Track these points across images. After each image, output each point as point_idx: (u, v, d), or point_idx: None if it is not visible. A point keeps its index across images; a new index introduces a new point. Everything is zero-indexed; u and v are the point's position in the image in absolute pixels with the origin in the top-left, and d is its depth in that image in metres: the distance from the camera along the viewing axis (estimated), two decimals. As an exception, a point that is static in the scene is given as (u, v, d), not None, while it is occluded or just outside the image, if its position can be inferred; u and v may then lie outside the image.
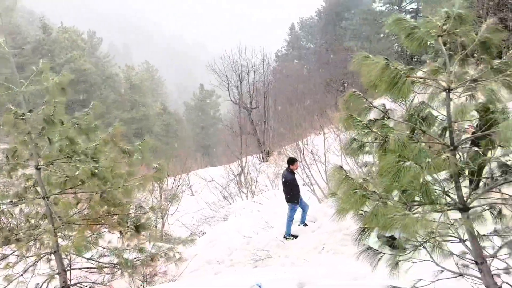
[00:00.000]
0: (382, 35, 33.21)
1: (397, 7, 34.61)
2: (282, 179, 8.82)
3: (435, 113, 3.33)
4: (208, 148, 49.62)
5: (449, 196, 3.17)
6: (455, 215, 3.16)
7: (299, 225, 8.79)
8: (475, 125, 3.51)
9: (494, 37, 3.08)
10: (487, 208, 3.18)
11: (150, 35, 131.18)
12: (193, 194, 20.82)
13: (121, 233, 6.93)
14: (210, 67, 29.56)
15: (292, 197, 8.39)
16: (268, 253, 8.13)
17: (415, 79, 2.92)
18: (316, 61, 42.95)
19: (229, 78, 29.65)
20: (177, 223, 13.74)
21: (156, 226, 11.30)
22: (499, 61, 3.06)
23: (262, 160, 26.36)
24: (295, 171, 8.73)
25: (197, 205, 16.43)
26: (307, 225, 8.82)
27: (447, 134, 3.17)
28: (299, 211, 8.70)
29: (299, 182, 9.30)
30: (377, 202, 2.90)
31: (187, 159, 24.69)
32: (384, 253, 3.47)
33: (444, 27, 2.96)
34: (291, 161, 8.72)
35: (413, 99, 3.19)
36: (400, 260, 3.41)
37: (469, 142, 3.37)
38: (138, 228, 6.74)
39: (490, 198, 3.15)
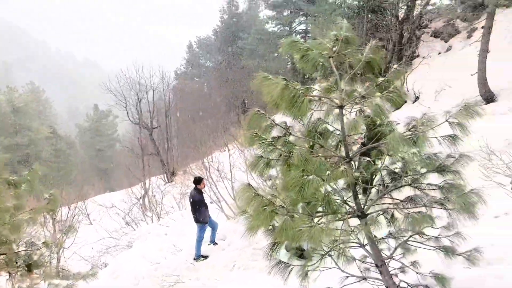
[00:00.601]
0: (276, 54, 34.96)
1: (288, 28, 36.85)
2: (189, 199, 8.66)
3: (330, 128, 3.58)
4: (106, 172, 46.83)
5: (348, 205, 3.40)
6: (355, 222, 3.40)
7: (209, 244, 8.69)
8: (364, 137, 3.85)
9: (377, 57, 3.43)
10: (381, 213, 3.48)
11: (35, 53, 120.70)
12: (92, 223, 19.39)
13: (10, 275, 6.15)
14: (105, 86, 28.09)
15: (201, 217, 8.29)
16: (178, 277, 7.87)
17: (312, 97, 3.11)
18: (216, 79, 43.61)
19: (127, 98, 28.50)
20: (75, 256, 12.62)
21: (51, 262, 10.23)
22: (382, 79, 3.41)
23: (167, 181, 25.68)
24: (202, 190, 8.66)
25: (96, 234, 15.29)
26: (217, 243, 8.76)
27: (342, 147, 3.43)
28: (208, 230, 8.61)
29: (207, 201, 9.23)
30: (285, 216, 3.00)
31: (83, 186, 22.98)
32: (294, 265, 3.59)
33: (334, 48, 3.22)
34: (198, 180, 8.64)
35: (311, 116, 3.39)
36: (309, 270, 3.55)
37: (361, 153, 3.68)
38: (30, 267, 6.04)
39: (383, 203, 3.45)
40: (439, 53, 21.96)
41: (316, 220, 3.22)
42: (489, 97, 15.50)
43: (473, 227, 3.90)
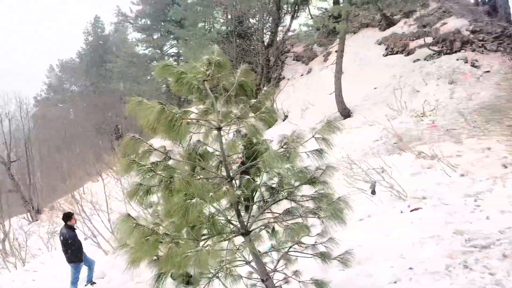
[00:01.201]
0: (149, 77, 34.25)
1: (159, 51, 36.48)
2: (60, 237, 7.79)
3: (210, 149, 3.62)
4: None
5: (232, 224, 3.45)
6: (240, 240, 3.46)
7: (86, 285, 7.91)
8: (243, 156, 3.98)
9: (248, 79, 3.61)
10: (263, 228, 3.61)
11: None
12: None
13: None
14: None
15: (74, 256, 7.51)
16: (51, 328, 6.97)
17: (190, 120, 3.11)
18: (84, 104, 40.71)
19: (-25, 130, 24.79)
20: None
21: None
22: (254, 100, 3.60)
23: (31, 220, 22.76)
24: (74, 226, 7.88)
25: None
26: (95, 283, 8.02)
27: (223, 167, 3.49)
28: (84, 269, 7.85)
29: (81, 237, 8.42)
30: (170, 244, 2.91)
31: None
32: (182, 293, 3.48)
33: (208, 72, 3.29)
34: (67, 216, 7.83)
35: (190, 139, 3.38)
36: (198, 295, 3.49)
37: (241, 172, 3.79)
38: None
39: (264, 218, 3.59)
40: (302, 75, 24.06)
41: (202, 243, 3.19)
42: (346, 113, 17.45)
43: (343, 232, 4.30)
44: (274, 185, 3.75)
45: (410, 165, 8.27)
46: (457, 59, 17.48)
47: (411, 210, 5.82)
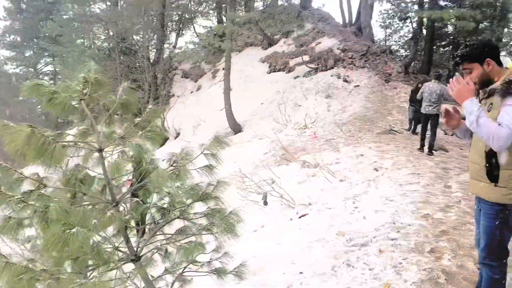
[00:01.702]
0: (21, 98, 30.91)
1: (32, 69, 33.29)
2: None
3: (92, 173, 3.38)
4: None
5: (121, 251, 3.25)
6: (130, 266, 3.28)
7: None
8: (133, 177, 3.80)
9: (131, 98, 3.47)
10: (155, 251, 3.47)
11: None
12: None
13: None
14: None
15: None
16: None
17: (65, 143, 2.87)
18: None
19: None
20: None
21: None
22: (139, 119, 3.47)
23: None
24: None
25: None
26: None
27: (108, 191, 3.28)
28: None
29: None
30: (49, 280, 2.62)
31: None
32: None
33: (85, 91, 3.09)
34: None
35: (67, 163, 3.12)
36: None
37: (130, 194, 3.61)
38: None
39: (156, 241, 3.46)
40: (191, 92, 24.09)
41: (88, 275, 2.94)
42: (237, 128, 17.88)
43: (238, 245, 4.36)
44: (165, 205, 3.65)
45: (296, 174, 8.77)
46: (331, 75, 19.23)
47: (300, 217, 6.15)
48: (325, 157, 9.37)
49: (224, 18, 24.03)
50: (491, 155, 2.46)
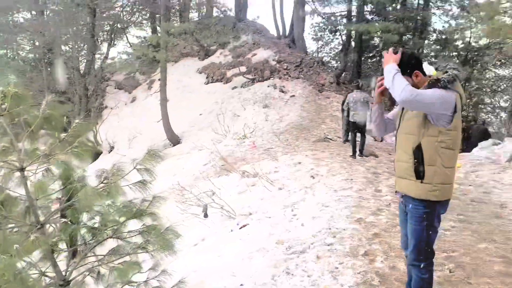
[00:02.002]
0: None
1: None
2: None
3: (14, 194, 3.13)
4: None
5: (48, 276, 3.03)
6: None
7: None
8: (61, 196, 3.57)
9: (56, 112, 3.27)
10: (87, 274, 3.27)
11: None
12: None
13: None
14: None
15: None
16: None
17: (-20, 163, 2.63)
18: None
19: None
20: None
21: None
22: (65, 134, 3.28)
23: None
24: None
25: None
26: None
27: (32, 213, 3.05)
28: None
29: None
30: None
31: None
32: None
33: (3, 106, 2.87)
34: None
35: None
36: None
37: (59, 215, 3.39)
38: None
39: (88, 263, 3.27)
40: (126, 104, 23.32)
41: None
42: (175, 140, 17.57)
43: (178, 261, 4.25)
44: (96, 225, 3.46)
45: (237, 184, 8.78)
46: (268, 86, 19.61)
47: (240, 227, 6.14)
48: (264, 166, 9.48)
49: (158, 28, 23.62)
50: (418, 152, 2.59)
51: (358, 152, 9.91)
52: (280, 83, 20.08)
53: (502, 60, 23.05)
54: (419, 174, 2.61)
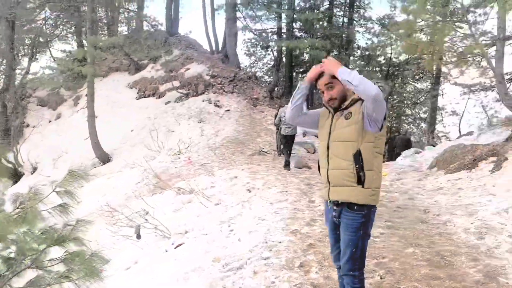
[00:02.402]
0: None
1: None
2: None
3: None
4: None
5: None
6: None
7: None
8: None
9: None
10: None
11: None
12: None
13: None
14: None
15: None
16: None
17: None
18: None
19: None
20: None
21: None
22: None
23: None
24: None
25: None
26: None
27: None
28: None
29: None
30: None
31: None
32: None
33: None
34: None
35: None
36: None
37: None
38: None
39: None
40: (50, 121, 21.92)
41: None
42: (105, 158, 16.75)
43: (107, 287, 3.98)
44: (12, 255, 3.14)
45: (172, 202, 8.52)
46: (203, 100, 19.53)
47: (176, 247, 5.93)
48: (200, 182, 9.32)
49: (85, 42, 22.60)
50: (358, 158, 2.64)
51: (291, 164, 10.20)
52: (214, 97, 20.07)
53: (420, 74, 25.06)
54: (360, 179, 2.64)
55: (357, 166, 2.64)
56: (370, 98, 2.51)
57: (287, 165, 10.18)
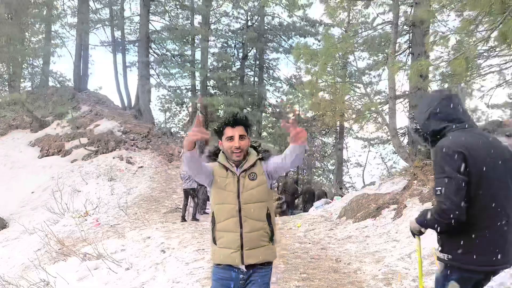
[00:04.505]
0: None
1: None
2: None
3: None
4: None
5: None
6: None
7: None
8: None
9: None
10: None
11: None
12: None
13: None
14: None
15: None
16: None
17: None
18: None
19: None
20: None
21: None
22: None
23: None
24: None
25: None
26: None
27: None
28: None
29: None
30: None
31: None
32: None
33: None
34: None
35: None
36: None
37: None
38: None
39: None
40: None
41: None
42: (0, 224, 14.98)
43: None
44: None
45: (76, 269, 7.76)
46: (114, 157, 18.73)
47: (80, 321, 5.36)
48: (109, 245, 8.68)
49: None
50: (269, 217, 2.69)
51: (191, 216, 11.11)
52: (127, 154, 19.38)
53: (326, 130, 26.97)
54: (272, 237, 2.70)
55: (270, 225, 2.70)
56: (294, 166, 2.68)
57: (183, 218, 10.95)
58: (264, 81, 26.83)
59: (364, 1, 14.26)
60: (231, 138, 2.68)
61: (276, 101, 27.33)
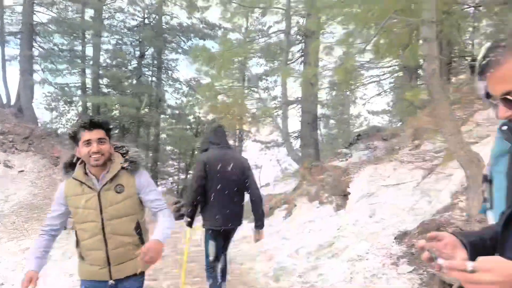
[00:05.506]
0: None
1: None
2: None
3: None
4: None
5: None
6: None
7: None
8: None
9: None
10: None
11: None
12: None
13: None
14: None
15: None
16: None
17: None
18: None
19: None
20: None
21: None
22: None
23: None
24: None
25: None
26: None
27: None
28: None
29: None
30: None
31: None
32: None
33: None
34: None
35: None
36: None
37: None
38: None
39: None
40: None
41: None
42: None
43: None
44: None
45: None
46: (-13, 161, 16.60)
47: None
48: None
49: None
50: (139, 229, 2.56)
51: None
52: (4, 157, 17.29)
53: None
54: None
55: (139, 237, 2.57)
56: None
57: None
58: (163, 81, 26.17)
59: (262, 9, 14.82)
60: (88, 143, 2.40)
61: (176, 102, 26.87)
